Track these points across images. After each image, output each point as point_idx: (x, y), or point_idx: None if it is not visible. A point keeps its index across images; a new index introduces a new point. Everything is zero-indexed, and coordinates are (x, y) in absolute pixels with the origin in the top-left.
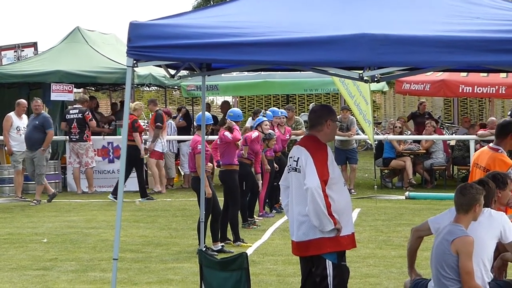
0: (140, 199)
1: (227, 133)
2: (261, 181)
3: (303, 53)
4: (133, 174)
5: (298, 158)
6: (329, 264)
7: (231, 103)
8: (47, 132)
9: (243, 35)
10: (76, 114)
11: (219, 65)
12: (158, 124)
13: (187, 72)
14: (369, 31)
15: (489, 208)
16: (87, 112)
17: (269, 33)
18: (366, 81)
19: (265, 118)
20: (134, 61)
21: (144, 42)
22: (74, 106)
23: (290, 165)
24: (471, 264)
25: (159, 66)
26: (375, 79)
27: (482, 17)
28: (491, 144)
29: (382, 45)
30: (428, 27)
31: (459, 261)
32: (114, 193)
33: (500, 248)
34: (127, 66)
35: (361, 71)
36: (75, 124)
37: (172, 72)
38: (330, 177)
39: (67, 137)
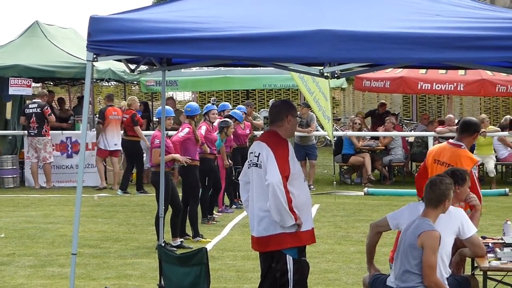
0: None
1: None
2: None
3: (264, 49)
4: (93, 169)
5: (259, 153)
6: (289, 260)
7: (190, 99)
8: None
9: (203, 30)
10: (35, 109)
11: (180, 60)
12: (99, 120)
13: (147, 67)
14: (329, 27)
15: None
16: (46, 107)
17: (229, 28)
18: (326, 77)
19: (214, 107)
20: (94, 56)
21: (104, 36)
22: (33, 100)
23: (250, 161)
24: (434, 259)
25: (119, 60)
26: (335, 75)
27: (442, 15)
28: (451, 140)
29: (342, 41)
30: (388, 23)
31: (423, 255)
32: (122, 188)
33: (458, 244)
34: (87, 60)
35: (322, 67)
36: (34, 118)
37: (132, 67)
38: (291, 172)
39: (25, 131)
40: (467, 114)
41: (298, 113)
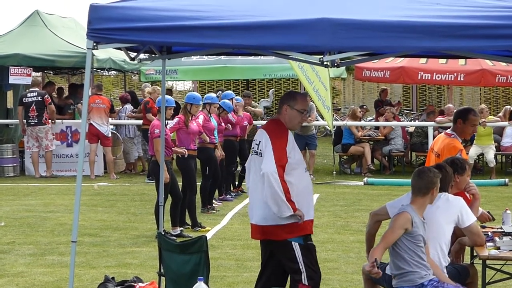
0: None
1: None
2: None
3: (264, 37)
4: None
5: (260, 141)
6: (295, 246)
7: (191, 88)
8: None
9: (204, 19)
10: (35, 97)
11: (180, 48)
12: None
13: (147, 55)
14: (329, 15)
15: (447, 193)
16: (47, 95)
17: (230, 16)
18: (326, 66)
19: (217, 100)
20: (94, 44)
21: (104, 24)
22: (31, 89)
23: (253, 148)
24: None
25: (119, 49)
26: (335, 64)
27: (442, 3)
28: (447, 130)
29: (342, 30)
30: (388, 12)
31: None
32: (149, 175)
33: (458, 233)
34: (87, 48)
35: (321, 56)
36: (34, 107)
37: (132, 55)
38: (289, 162)
39: (25, 121)
40: (467, 104)
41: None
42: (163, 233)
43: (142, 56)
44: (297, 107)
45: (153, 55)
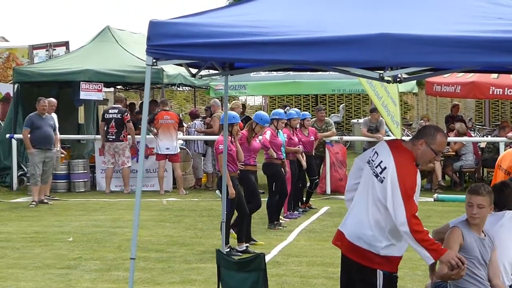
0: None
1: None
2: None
3: (323, 53)
4: (155, 174)
5: (385, 167)
6: (379, 274)
7: (262, 103)
8: (57, 133)
9: (263, 34)
10: (116, 114)
11: (242, 64)
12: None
13: (210, 71)
14: (390, 30)
15: (511, 211)
16: (126, 113)
17: (290, 32)
18: (388, 82)
19: (285, 116)
20: (154, 60)
21: (164, 40)
22: (113, 105)
23: (371, 164)
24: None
25: (180, 65)
26: (398, 80)
27: (505, 18)
28: None
29: (402, 45)
30: (450, 27)
31: None
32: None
33: None
34: (147, 64)
35: (382, 71)
36: (113, 123)
37: (194, 71)
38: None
39: (97, 136)
40: None
41: (368, 118)
42: (228, 249)
43: (204, 72)
44: (434, 146)
45: (215, 71)
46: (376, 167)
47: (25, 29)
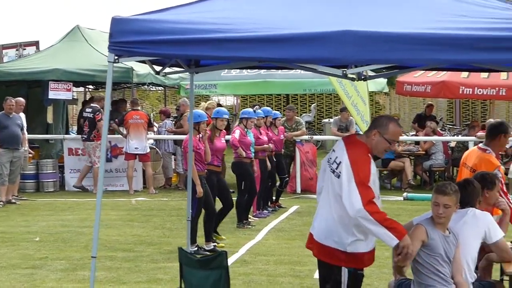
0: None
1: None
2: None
3: (287, 50)
4: (125, 174)
5: (340, 162)
6: (344, 272)
7: (234, 103)
8: (25, 132)
9: (227, 31)
10: (89, 114)
11: (208, 62)
12: (116, 122)
13: (175, 69)
14: (353, 27)
15: (474, 208)
16: (98, 112)
17: (253, 29)
18: (352, 79)
19: (254, 116)
20: (116, 57)
21: (126, 37)
22: (91, 105)
23: (328, 161)
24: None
25: (144, 62)
26: (363, 77)
27: (468, 15)
28: (480, 145)
29: (366, 42)
30: (413, 24)
31: None
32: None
33: (486, 249)
34: (108, 61)
35: (345, 69)
36: (87, 122)
37: (158, 68)
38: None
39: (64, 136)
40: None
41: (338, 117)
42: (195, 248)
43: (170, 70)
44: (387, 136)
45: (181, 69)
46: (333, 163)
47: None
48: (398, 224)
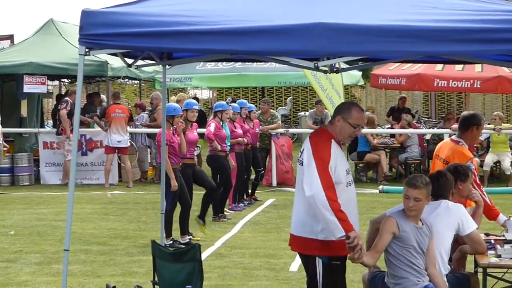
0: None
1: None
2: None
3: (259, 42)
4: (100, 167)
5: (303, 149)
6: (319, 262)
7: (210, 96)
8: None
9: (198, 24)
10: (59, 107)
11: (180, 54)
12: (97, 115)
13: (147, 61)
14: (324, 20)
15: (447, 200)
16: (62, 103)
17: (225, 21)
18: (325, 72)
19: (229, 107)
20: (87, 50)
21: (96, 30)
22: (65, 99)
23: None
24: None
25: (115, 55)
26: (335, 70)
27: (439, 7)
28: (453, 137)
29: (337, 35)
30: (384, 16)
31: None
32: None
33: (460, 241)
34: (79, 54)
35: (317, 61)
36: (58, 116)
37: (130, 61)
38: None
39: (39, 129)
40: (488, 111)
41: (313, 111)
42: (171, 241)
43: (141, 62)
44: (351, 121)
45: (153, 62)
46: (300, 155)
47: None
48: (348, 219)
